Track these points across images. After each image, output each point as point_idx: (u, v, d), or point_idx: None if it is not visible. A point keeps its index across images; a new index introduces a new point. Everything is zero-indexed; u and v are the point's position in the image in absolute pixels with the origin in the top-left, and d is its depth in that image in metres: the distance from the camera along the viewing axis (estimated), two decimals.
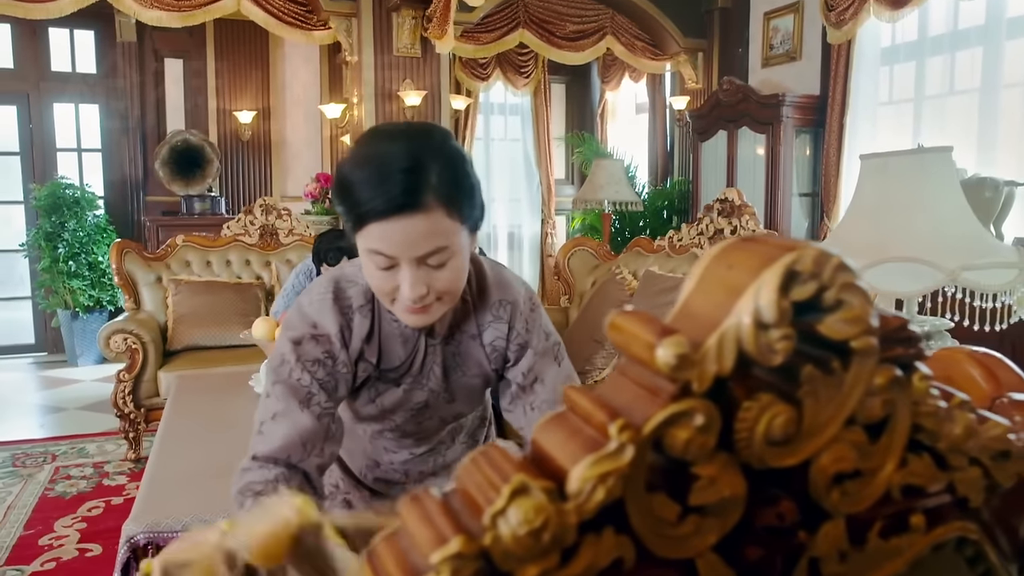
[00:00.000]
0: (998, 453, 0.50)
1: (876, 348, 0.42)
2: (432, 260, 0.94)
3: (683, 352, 0.37)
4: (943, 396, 0.49)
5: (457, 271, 0.97)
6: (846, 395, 0.43)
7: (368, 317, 1.07)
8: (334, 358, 1.05)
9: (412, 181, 0.90)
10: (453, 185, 0.93)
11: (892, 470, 0.46)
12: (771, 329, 0.38)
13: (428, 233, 0.92)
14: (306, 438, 1.00)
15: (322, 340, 1.04)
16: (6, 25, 5.87)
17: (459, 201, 0.94)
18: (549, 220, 8.10)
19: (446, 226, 0.93)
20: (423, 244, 0.92)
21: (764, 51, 5.69)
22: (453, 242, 0.95)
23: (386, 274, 0.96)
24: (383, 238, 0.92)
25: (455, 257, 0.96)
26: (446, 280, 0.96)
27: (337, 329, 1.05)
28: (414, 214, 0.91)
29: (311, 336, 1.04)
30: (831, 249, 0.40)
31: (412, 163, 0.91)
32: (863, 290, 0.41)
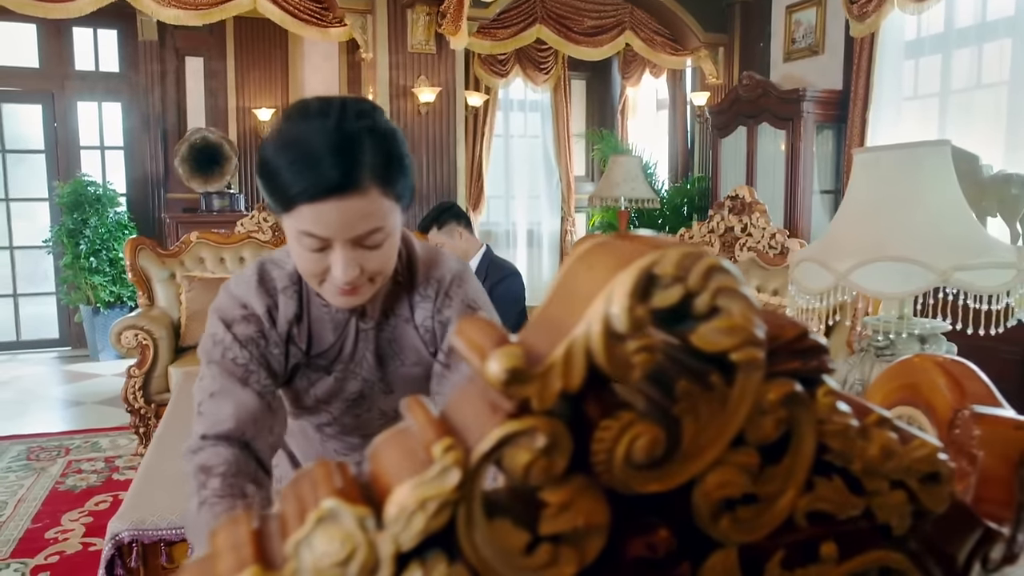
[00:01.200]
0: (926, 475, 0.45)
1: (761, 361, 0.37)
2: (368, 241, 0.91)
3: (515, 366, 0.33)
4: (860, 412, 0.44)
5: (390, 251, 0.95)
6: (731, 413, 0.38)
7: (294, 299, 1.04)
8: (266, 338, 1.03)
9: (347, 161, 0.87)
10: (387, 163, 0.90)
11: (795, 495, 0.42)
12: (626, 340, 0.34)
13: (365, 214, 0.89)
14: (254, 415, 0.97)
15: (252, 319, 1.02)
16: (32, 25, 5.96)
17: (394, 179, 0.91)
18: (569, 217, 8.04)
19: (382, 206, 0.90)
20: (359, 225, 0.89)
21: (786, 45, 5.58)
22: (388, 222, 0.92)
23: (316, 256, 0.92)
24: (316, 220, 0.88)
25: (390, 237, 0.94)
26: (378, 260, 0.94)
27: (264, 309, 1.03)
28: (350, 195, 0.87)
29: (242, 316, 1.02)
30: (708, 251, 0.36)
31: (345, 142, 0.87)
32: (744, 296, 0.36)
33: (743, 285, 0.36)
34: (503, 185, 8.02)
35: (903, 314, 1.29)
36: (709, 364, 0.37)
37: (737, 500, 0.40)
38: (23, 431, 4.10)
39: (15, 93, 6.05)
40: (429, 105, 5.22)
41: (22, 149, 6.14)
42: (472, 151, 7.57)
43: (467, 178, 7.54)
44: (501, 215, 8.10)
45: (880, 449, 0.43)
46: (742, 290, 0.36)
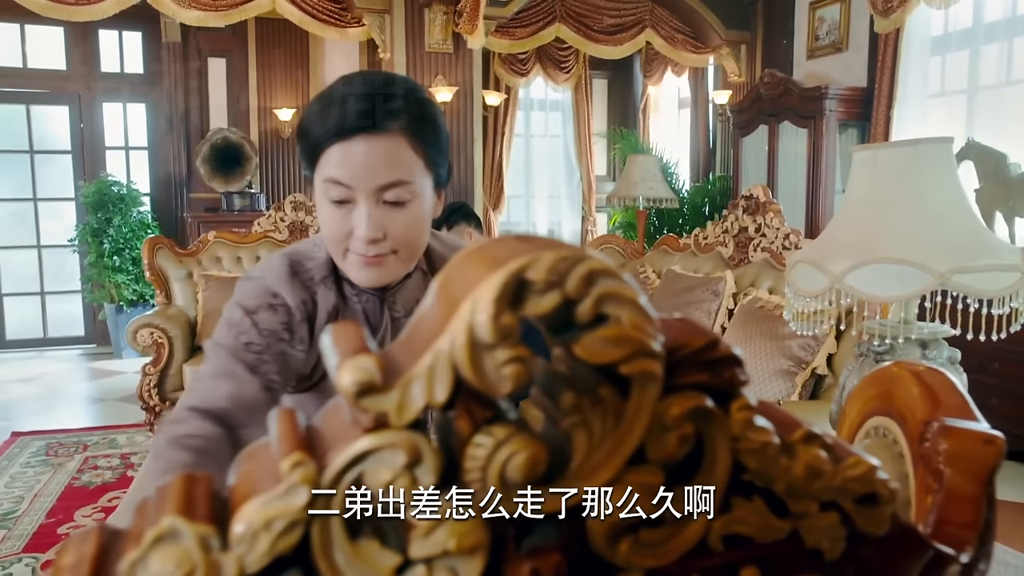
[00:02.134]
0: (862, 496, 0.42)
1: (657, 373, 0.34)
2: (390, 195, 0.89)
3: (365, 379, 0.30)
4: (786, 428, 0.41)
5: (417, 219, 0.92)
6: (626, 429, 0.35)
7: (333, 290, 1.00)
8: (292, 332, 0.96)
9: (374, 102, 0.87)
10: (420, 119, 0.90)
11: (709, 516, 0.38)
12: (495, 350, 0.31)
13: (389, 160, 0.88)
14: (254, 403, 0.90)
15: (280, 310, 0.96)
16: (59, 28, 6.07)
17: (425, 138, 0.90)
18: (590, 217, 7.99)
19: (409, 159, 0.89)
20: (383, 172, 0.88)
21: (809, 42, 5.47)
22: (416, 181, 0.91)
23: (340, 214, 0.90)
24: (340, 162, 0.88)
25: (416, 201, 0.91)
26: (403, 224, 0.91)
27: (299, 302, 0.97)
28: (375, 135, 0.87)
29: (269, 305, 0.96)
30: (592, 254, 0.33)
31: (376, 88, 0.88)
32: (636, 303, 0.33)
33: (634, 291, 0.33)
34: (523, 185, 8.00)
35: (904, 318, 1.24)
36: (603, 376, 0.35)
37: (642, 522, 0.37)
38: (45, 427, 4.17)
39: (43, 95, 6.17)
40: (446, 104, 5.21)
41: (49, 150, 6.25)
42: (492, 151, 7.55)
43: (487, 178, 7.54)
44: (521, 215, 8.08)
45: (806, 468, 0.40)
46: (633, 296, 0.33)
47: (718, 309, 2.73)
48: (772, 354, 2.24)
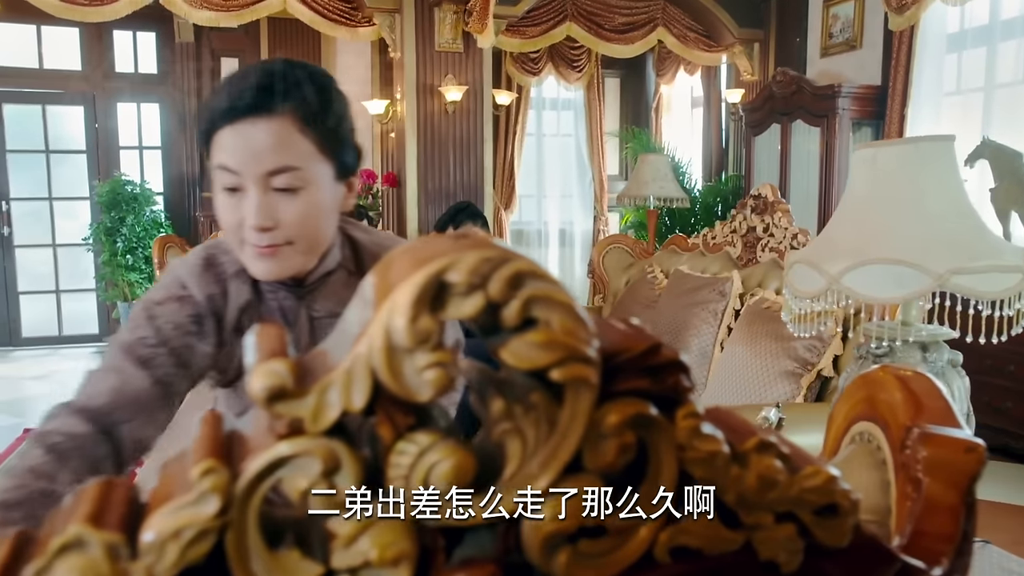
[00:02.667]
0: (821, 507, 0.40)
1: (591, 379, 0.33)
2: (279, 181, 0.87)
3: (276, 384, 0.29)
4: (740, 436, 0.39)
5: (312, 207, 0.89)
6: (561, 437, 0.34)
7: (247, 285, 0.98)
8: (200, 326, 0.95)
9: (264, 84, 0.85)
10: (315, 104, 0.87)
11: (655, 527, 0.37)
12: (414, 355, 0.30)
13: (276, 143, 0.85)
14: (139, 398, 0.88)
15: (187, 302, 0.95)
16: (75, 29, 6.13)
17: (319, 124, 0.88)
18: (602, 217, 7.96)
19: (298, 144, 0.87)
20: (269, 156, 0.85)
21: (823, 40, 5.41)
22: (307, 167, 0.87)
23: (233, 202, 0.88)
24: (228, 147, 0.86)
25: (309, 188, 0.88)
26: (295, 213, 0.88)
27: (206, 296, 0.96)
28: (261, 118, 0.85)
29: (177, 297, 0.95)
30: (520, 255, 0.32)
31: (267, 73, 0.86)
32: (567, 305, 0.32)
33: (566, 294, 0.32)
34: (535, 184, 7.98)
35: (904, 320, 1.22)
36: (536, 382, 0.33)
37: (582, 532, 0.36)
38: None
39: (59, 95, 6.23)
40: (456, 104, 5.20)
41: (65, 149, 6.32)
42: (504, 150, 7.54)
43: (499, 177, 7.53)
44: (533, 214, 8.07)
45: (759, 478, 0.38)
46: (564, 300, 0.32)
47: (724, 310, 2.70)
48: (777, 355, 2.21)
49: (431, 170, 5.34)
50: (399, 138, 5.48)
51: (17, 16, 5.59)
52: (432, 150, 5.31)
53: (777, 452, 0.39)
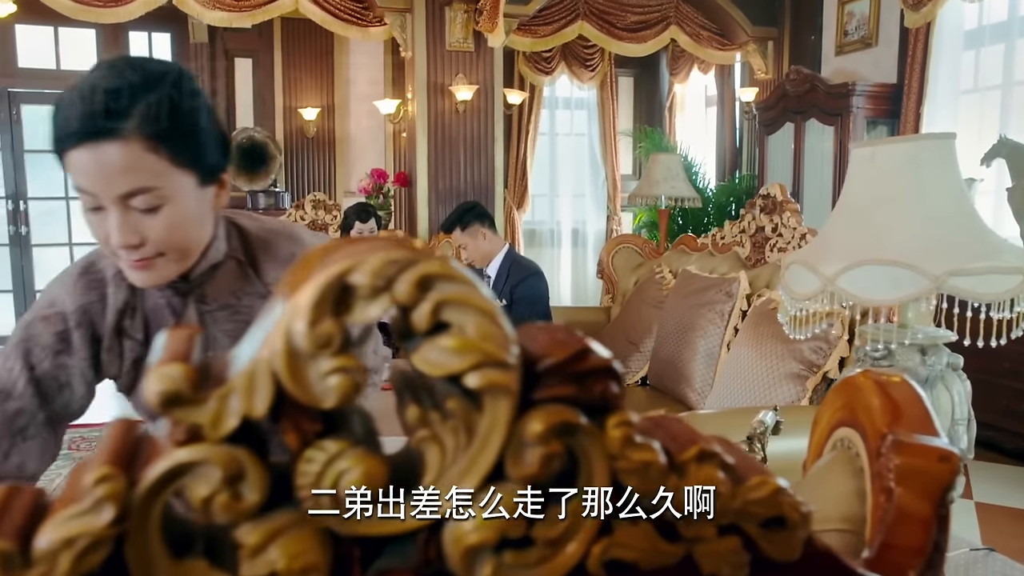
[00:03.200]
0: (768, 519, 0.39)
1: (509, 386, 0.31)
2: (137, 202, 0.84)
3: (171, 389, 0.28)
4: (681, 445, 0.38)
5: (177, 221, 0.87)
6: (481, 445, 0.32)
7: (124, 285, 0.97)
8: (67, 341, 0.94)
9: (111, 105, 0.81)
10: (166, 119, 0.83)
11: (587, 540, 0.36)
12: (317, 360, 0.29)
13: (124, 167, 0.82)
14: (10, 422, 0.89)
15: (53, 320, 0.95)
16: (91, 31, 6.19)
17: (171, 139, 0.84)
18: (615, 216, 7.92)
19: (149, 164, 0.83)
20: (120, 181, 0.82)
21: (838, 38, 5.35)
22: (164, 184, 0.84)
23: (98, 219, 0.86)
24: (79, 169, 0.83)
25: (170, 204, 0.86)
26: (161, 229, 0.86)
27: (77, 306, 0.95)
28: (107, 142, 0.81)
29: (42, 317, 0.95)
30: (433, 258, 0.31)
31: (119, 86, 0.81)
32: (483, 310, 0.31)
33: (482, 297, 0.31)
34: (548, 184, 7.96)
35: (902, 322, 1.19)
36: (455, 388, 0.32)
37: (508, 544, 0.35)
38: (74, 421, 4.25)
39: None
40: (467, 103, 5.20)
41: None
42: (516, 149, 7.53)
43: (511, 176, 7.51)
44: (546, 214, 8.05)
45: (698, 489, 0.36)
46: (480, 303, 0.31)
47: (731, 311, 2.67)
48: (783, 357, 2.18)
49: (442, 169, 5.34)
50: (410, 137, 5.48)
51: (35, 18, 5.65)
52: (443, 149, 5.31)
53: (720, 462, 0.37)
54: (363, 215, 3.77)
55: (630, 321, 3.43)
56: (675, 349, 2.87)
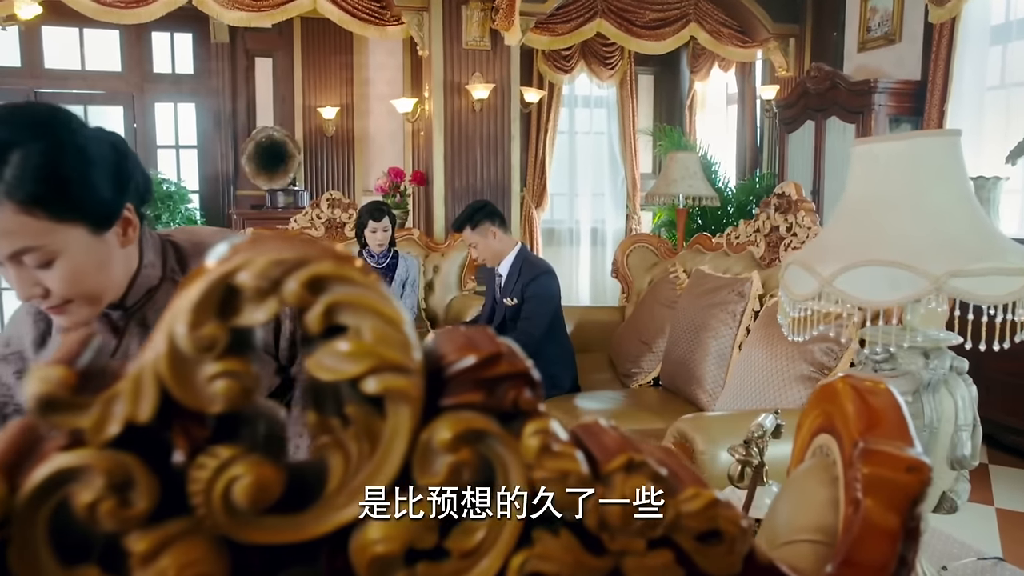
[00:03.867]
0: (705, 533, 0.37)
1: (409, 391, 0.30)
2: (27, 259, 0.84)
3: (47, 392, 0.27)
4: (609, 453, 0.36)
5: (72, 272, 0.86)
6: (385, 453, 0.31)
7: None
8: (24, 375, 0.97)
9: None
10: (37, 181, 0.81)
11: (504, 551, 0.34)
12: (201, 364, 0.28)
13: (2, 231, 0.81)
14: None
15: (12, 359, 0.97)
16: (115, 31, 6.28)
17: (46, 199, 0.82)
18: (634, 215, 7.87)
19: (27, 225, 0.81)
20: (2, 242, 0.83)
21: (861, 34, 5.26)
22: (48, 242, 0.83)
23: (2, 271, 0.87)
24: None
25: (63, 257, 0.85)
26: (59, 281, 0.86)
27: (32, 339, 0.97)
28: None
29: (1, 358, 0.98)
30: (327, 259, 0.29)
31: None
32: (381, 313, 0.30)
33: (380, 300, 0.30)
34: (567, 182, 7.93)
35: (909, 324, 1.16)
36: (354, 393, 0.31)
37: (421, 555, 0.33)
38: None
39: (100, 96, 6.40)
40: (483, 102, 5.19)
41: None
42: (535, 148, 7.51)
43: (530, 175, 7.50)
44: (565, 213, 8.02)
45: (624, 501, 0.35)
46: (377, 306, 0.29)
47: (743, 311, 2.63)
48: (793, 359, 2.14)
49: (458, 168, 5.34)
50: (426, 136, 5.49)
51: (61, 19, 5.75)
52: (459, 148, 5.31)
53: (650, 472, 0.36)
54: (376, 213, 3.79)
55: (643, 321, 3.40)
56: (687, 350, 2.84)
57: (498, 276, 3.30)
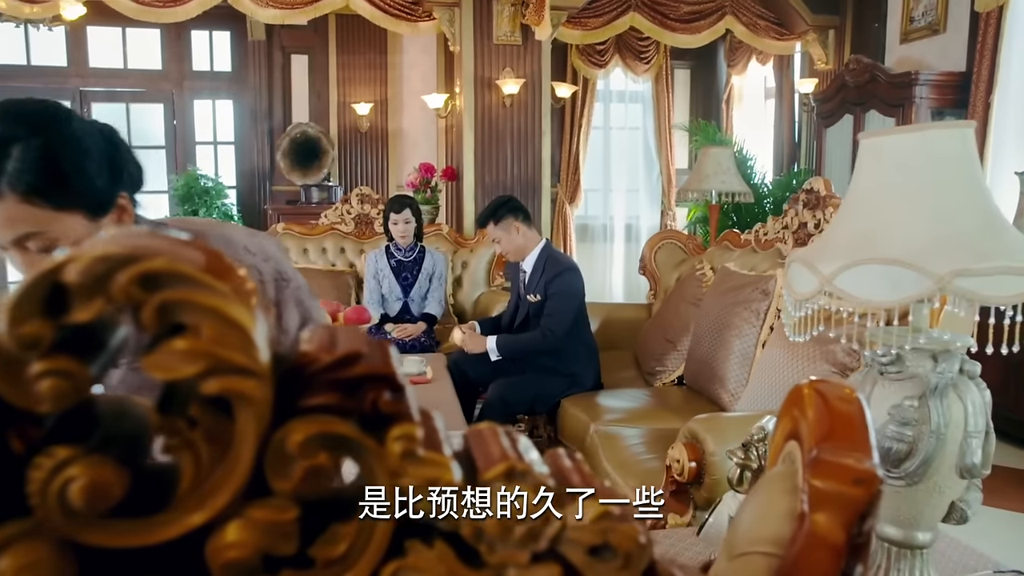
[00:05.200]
0: (596, 547, 0.35)
1: (252, 393, 0.29)
2: (31, 245, 0.90)
3: None
4: (490, 460, 0.34)
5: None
6: (236, 456, 0.30)
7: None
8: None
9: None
10: (37, 173, 0.86)
11: (374, 560, 0.33)
12: (29, 362, 0.27)
13: (5, 220, 0.88)
14: None
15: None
16: (156, 30, 6.43)
17: (45, 190, 0.88)
18: (669, 211, 7.77)
19: (29, 214, 0.88)
20: (4, 231, 0.89)
21: (903, 24, 5.09)
22: (50, 228, 0.90)
23: (7, 256, 0.93)
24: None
25: (63, 242, 0.90)
26: None
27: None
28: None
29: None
30: (163, 255, 0.28)
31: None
32: (220, 311, 0.28)
33: (217, 296, 0.28)
34: (601, 178, 7.87)
35: (916, 325, 1.11)
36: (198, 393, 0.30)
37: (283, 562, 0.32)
38: None
39: (141, 93, 6.56)
40: (513, 97, 5.17)
41: (147, 145, 6.64)
42: (569, 144, 7.46)
43: (564, 171, 7.46)
44: (599, 209, 7.96)
45: (502, 511, 0.33)
46: (215, 305, 0.28)
47: (767, 309, 2.57)
48: (814, 359, 2.08)
49: (488, 164, 5.33)
50: (457, 132, 5.50)
51: (105, 20, 5.90)
52: (489, 144, 5.30)
53: (533, 483, 0.34)
54: (397, 205, 3.86)
55: (668, 319, 3.35)
56: (710, 348, 2.78)
57: (522, 272, 3.29)
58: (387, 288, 3.97)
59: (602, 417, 2.65)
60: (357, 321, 2.16)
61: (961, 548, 1.36)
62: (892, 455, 1.09)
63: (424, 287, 4.03)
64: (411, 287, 3.99)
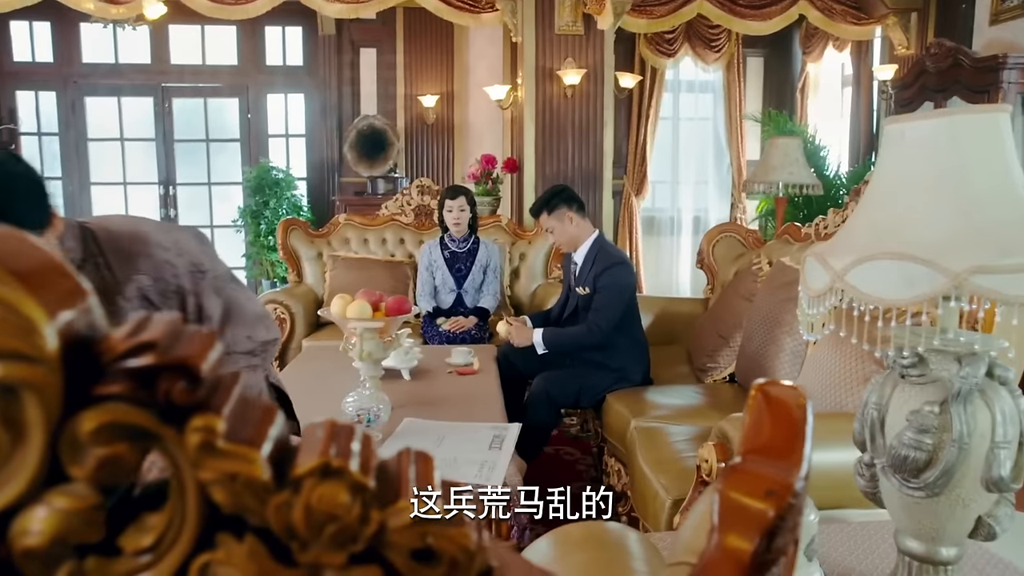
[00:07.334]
0: (420, 551, 0.34)
1: (32, 379, 0.29)
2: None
3: None
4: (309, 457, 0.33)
5: None
6: (28, 441, 0.30)
7: None
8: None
9: None
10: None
11: (183, 552, 0.32)
12: None
13: None
14: None
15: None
16: (233, 27, 6.67)
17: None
18: (739, 204, 7.55)
19: None
20: None
21: (994, 4, 4.76)
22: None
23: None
24: None
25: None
26: None
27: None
28: None
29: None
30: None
31: None
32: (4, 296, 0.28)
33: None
34: (669, 170, 7.71)
35: (943, 324, 1.04)
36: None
37: (91, 549, 0.32)
38: None
39: (218, 88, 6.83)
40: (575, 87, 5.12)
41: (222, 138, 6.92)
42: (636, 134, 7.34)
43: (630, 162, 7.34)
44: (666, 201, 7.81)
45: (307, 509, 0.32)
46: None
47: None
48: (862, 359, 1.98)
49: (549, 155, 5.31)
50: (518, 123, 5.49)
51: (185, 18, 6.16)
52: (550, 135, 5.27)
53: (349, 481, 0.33)
54: (451, 192, 3.94)
55: (721, 314, 3.25)
56: (761, 345, 2.69)
57: (573, 264, 3.26)
58: (440, 280, 4.01)
59: (645, 413, 2.60)
60: (397, 311, 2.18)
61: (995, 561, 1.27)
62: (909, 464, 1.02)
63: (478, 279, 4.04)
64: (464, 279, 4.01)
